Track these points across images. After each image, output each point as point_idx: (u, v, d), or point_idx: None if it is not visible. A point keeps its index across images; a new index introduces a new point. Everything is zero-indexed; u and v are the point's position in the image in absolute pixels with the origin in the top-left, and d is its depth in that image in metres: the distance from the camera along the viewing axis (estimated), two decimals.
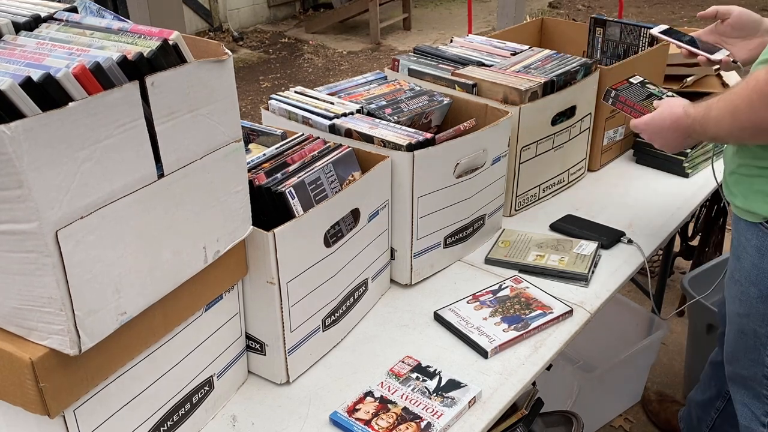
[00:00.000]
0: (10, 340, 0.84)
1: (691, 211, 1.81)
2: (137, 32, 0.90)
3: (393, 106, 1.54)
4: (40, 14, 0.96)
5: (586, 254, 1.55)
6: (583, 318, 1.39)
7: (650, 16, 7.60)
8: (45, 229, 0.76)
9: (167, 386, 1.04)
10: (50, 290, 0.79)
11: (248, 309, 1.18)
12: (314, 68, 6.44)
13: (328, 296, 1.26)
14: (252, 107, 5.42)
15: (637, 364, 2.28)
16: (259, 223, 1.11)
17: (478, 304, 1.40)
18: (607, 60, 2.13)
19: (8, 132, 0.70)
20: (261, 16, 7.84)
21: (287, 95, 1.57)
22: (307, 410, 1.17)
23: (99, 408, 0.92)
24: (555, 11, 8.10)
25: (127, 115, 0.82)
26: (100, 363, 0.89)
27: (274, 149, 1.31)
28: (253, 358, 1.23)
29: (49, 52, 0.84)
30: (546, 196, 1.84)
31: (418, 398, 1.17)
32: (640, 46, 2.04)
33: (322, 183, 1.24)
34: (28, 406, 0.84)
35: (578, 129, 1.83)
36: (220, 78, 0.95)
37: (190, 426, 1.11)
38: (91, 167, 0.79)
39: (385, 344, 1.33)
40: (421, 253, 1.47)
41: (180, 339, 1.04)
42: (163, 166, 0.90)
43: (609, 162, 2.05)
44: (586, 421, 1.79)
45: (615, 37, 2.10)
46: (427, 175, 1.39)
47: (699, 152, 1.97)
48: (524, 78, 1.68)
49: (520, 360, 1.28)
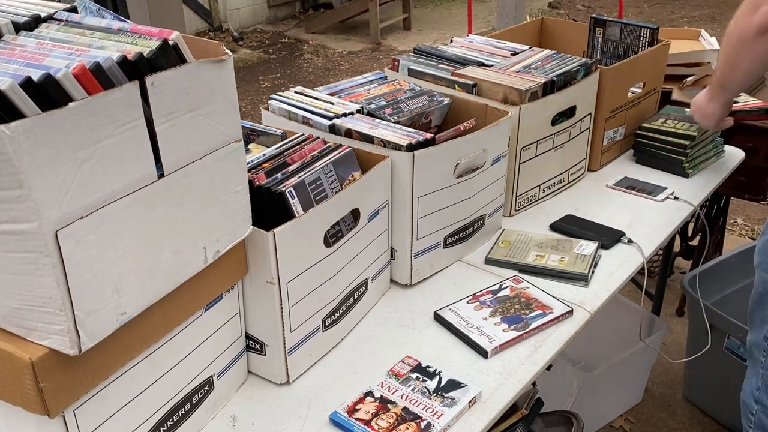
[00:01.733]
0: (10, 340, 0.84)
1: (691, 211, 1.81)
2: (137, 32, 0.90)
3: (393, 106, 1.54)
4: (40, 14, 0.96)
5: (586, 254, 1.55)
6: (583, 318, 1.39)
7: (650, 16, 7.60)
8: (45, 229, 0.76)
9: (167, 386, 1.04)
10: (50, 290, 0.79)
11: (248, 309, 1.18)
12: (314, 68, 6.44)
13: (328, 296, 1.26)
14: (252, 107, 5.42)
15: (637, 364, 2.28)
16: (259, 223, 1.11)
17: (478, 304, 1.40)
18: (607, 60, 2.13)
19: (8, 132, 0.70)
20: (261, 16, 7.84)
21: (287, 95, 1.57)
22: (307, 410, 1.17)
23: (99, 408, 0.92)
24: (555, 11, 8.10)
25: (127, 115, 0.82)
26: (100, 363, 0.89)
27: (274, 149, 1.31)
28: (253, 358, 1.23)
29: (49, 52, 0.84)
30: (546, 196, 1.84)
31: (418, 398, 1.17)
32: (640, 46, 2.04)
33: (322, 183, 1.24)
34: (28, 406, 0.84)
35: (578, 129, 1.83)
36: (220, 78, 0.95)
37: (190, 426, 1.11)
38: (91, 167, 0.79)
39: (385, 344, 1.33)
40: (421, 253, 1.47)
41: (180, 339, 1.04)
42: (163, 166, 0.90)
43: (609, 162, 2.05)
44: (586, 421, 1.79)
45: (615, 37, 2.10)
46: (427, 175, 1.39)
47: (699, 152, 1.97)
48: (524, 78, 1.68)
49: (520, 360, 1.28)
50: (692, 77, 2.27)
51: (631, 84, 2.01)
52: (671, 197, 1.83)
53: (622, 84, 1.95)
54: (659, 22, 7.32)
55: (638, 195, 1.85)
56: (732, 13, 1.45)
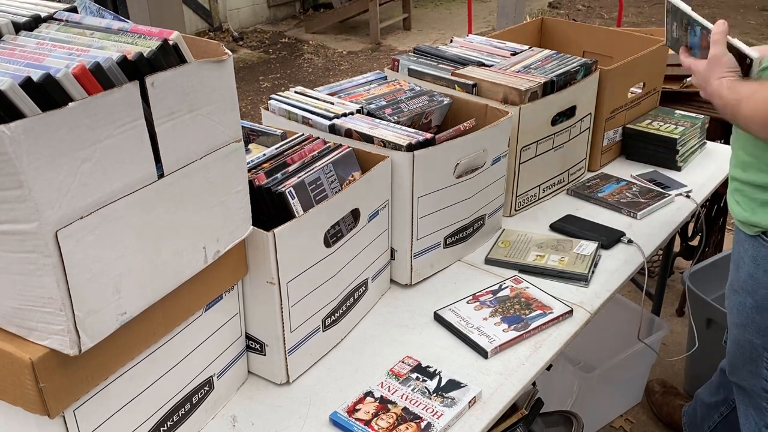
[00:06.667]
0: (10, 340, 0.84)
1: (691, 211, 1.81)
2: (137, 32, 0.90)
3: (393, 106, 1.54)
4: (40, 14, 0.96)
5: (586, 254, 1.55)
6: (583, 318, 1.39)
7: (650, 16, 7.59)
8: (45, 229, 0.76)
9: (167, 386, 1.04)
10: (50, 290, 0.79)
11: (248, 309, 1.18)
12: (314, 68, 6.44)
13: (328, 296, 1.26)
14: (252, 107, 5.42)
15: (637, 364, 2.28)
16: (259, 223, 1.11)
17: (478, 304, 1.40)
18: None
19: (8, 132, 0.70)
20: (261, 16, 7.84)
21: (287, 95, 1.57)
22: (307, 410, 1.17)
23: (99, 408, 0.92)
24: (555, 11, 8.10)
25: (127, 115, 0.82)
26: (100, 363, 0.89)
27: (274, 149, 1.31)
28: (253, 358, 1.23)
29: (49, 52, 0.84)
30: (546, 196, 1.84)
31: (418, 398, 1.17)
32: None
33: (322, 183, 1.24)
34: (27, 406, 0.84)
35: (578, 129, 1.83)
36: (220, 78, 0.95)
37: (190, 426, 1.11)
38: (91, 167, 0.79)
39: (385, 344, 1.33)
40: (421, 253, 1.47)
41: (180, 339, 1.04)
42: (163, 166, 0.90)
43: (609, 162, 2.05)
44: (586, 421, 1.79)
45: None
46: (427, 175, 1.39)
47: (687, 148, 2.00)
48: (524, 78, 1.68)
49: (520, 360, 1.28)
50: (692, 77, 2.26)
51: (631, 84, 2.01)
52: (683, 195, 1.85)
53: (622, 84, 1.95)
54: (659, 22, 7.32)
55: (652, 187, 1.88)
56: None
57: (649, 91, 2.09)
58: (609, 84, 1.86)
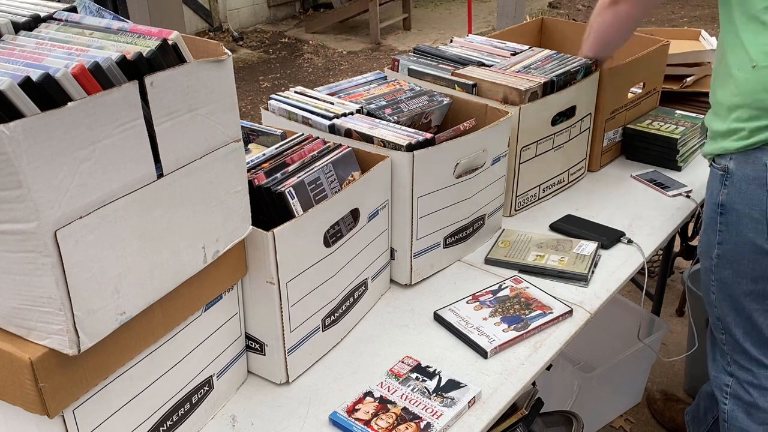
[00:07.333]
0: (9, 340, 0.84)
1: (691, 211, 1.81)
2: (137, 32, 0.90)
3: (393, 106, 1.54)
4: (39, 14, 0.96)
5: (586, 254, 1.55)
6: (583, 318, 1.39)
7: (650, 16, 7.59)
8: (44, 228, 0.76)
9: (167, 386, 1.04)
10: (49, 290, 0.79)
11: (248, 309, 1.18)
12: (314, 68, 6.44)
13: (328, 296, 1.26)
14: (252, 107, 5.43)
15: (637, 364, 2.28)
16: (259, 223, 1.11)
17: (478, 304, 1.40)
18: None
19: (7, 132, 0.70)
20: (261, 16, 7.84)
21: (287, 95, 1.57)
22: (306, 410, 1.17)
23: (98, 408, 0.92)
24: (555, 11, 8.10)
25: (127, 115, 0.82)
26: (99, 363, 0.89)
27: (274, 149, 1.31)
28: (253, 358, 1.23)
29: (48, 52, 0.84)
30: (546, 196, 1.84)
31: (418, 398, 1.17)
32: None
33: (321, 183, 1.24)
34: (27, 406, 0.84)
35: (578, 129, 1.83)
36: (219, 78, 0.95)
37: (189, 426, 1.11)
38: (90, 167, 0.79)
39: (384, 344, 1.33)
40: (421, 253, 1.47)
41: (179, 339, 1.04)
42: (162, 166, 0.90)
43: (609, 162, 2.05)
44: (586, 421, 1.79)
45: None
46: (427, 175, 1.39)
47: (687, 148, 2.00)
48: (524, 78, 1.68)
49: (519, 360, 1.28)
50: (692, 77, 2.26)
51: (631, 84, 2.01)
52: (683, 194, 1.85)
53: (622, 84, 1.95)
54: (659, 22, 7.33)
55: (652, 187, 1.89)
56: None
57: (649, 91, 2.09)
58: (609, 84, 1.86)
